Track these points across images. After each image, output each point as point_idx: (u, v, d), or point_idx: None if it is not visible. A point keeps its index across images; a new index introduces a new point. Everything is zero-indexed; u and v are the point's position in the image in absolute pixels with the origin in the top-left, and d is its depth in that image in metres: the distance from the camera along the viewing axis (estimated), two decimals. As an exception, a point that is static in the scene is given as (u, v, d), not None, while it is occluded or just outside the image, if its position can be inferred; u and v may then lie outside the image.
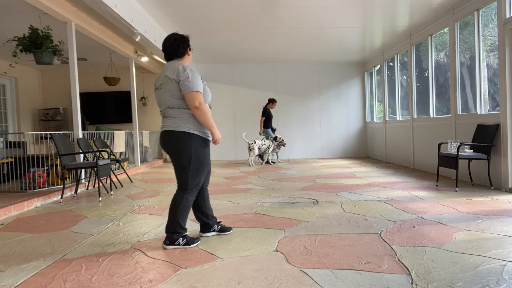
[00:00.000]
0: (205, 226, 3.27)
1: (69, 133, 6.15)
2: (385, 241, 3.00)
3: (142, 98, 11.10)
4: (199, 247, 2.96)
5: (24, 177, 5.55)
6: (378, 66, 10.32)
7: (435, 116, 7.12)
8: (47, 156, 6.49)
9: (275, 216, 3.92)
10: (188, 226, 3.63)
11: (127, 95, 11.15)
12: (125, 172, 7.02)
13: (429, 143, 7.22)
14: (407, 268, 2.42)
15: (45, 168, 5.81)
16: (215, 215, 4.06)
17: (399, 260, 2.57)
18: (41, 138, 10.45)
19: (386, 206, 4.28)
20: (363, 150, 11.42)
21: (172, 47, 3.00)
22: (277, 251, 2.83)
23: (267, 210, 4.24)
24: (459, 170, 6.13)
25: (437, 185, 5.60)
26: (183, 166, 2.89)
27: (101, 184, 6.45)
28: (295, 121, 11.32)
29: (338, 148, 11.39)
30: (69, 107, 10.88)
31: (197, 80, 2.86)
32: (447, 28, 6.52)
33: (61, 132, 5.74)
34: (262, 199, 4.89)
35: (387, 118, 9.65)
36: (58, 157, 5.40)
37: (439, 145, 5.65)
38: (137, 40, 6.32)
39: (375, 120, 10.76)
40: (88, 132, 7.25)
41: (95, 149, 6.39)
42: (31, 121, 10.63)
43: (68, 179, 6.02)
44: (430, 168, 7.22)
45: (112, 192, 5.77)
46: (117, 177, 6.75)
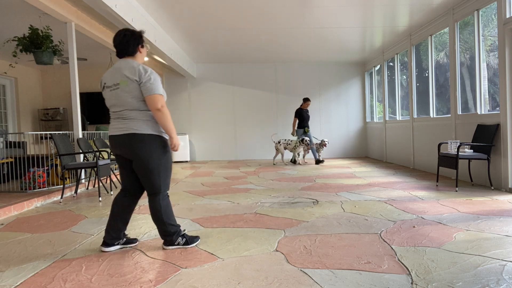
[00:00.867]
0: (112, 236, 2.90)
1: (69, 133, 6.15)
2: (385, 241, 3.00)
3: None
4: (199, 247, 2.96)
5: (24, 177, 5.55)
6: (378, 66, 10.32)
7: (435, 116, 7.12)
8: (47, 156, 6.49)
9: (275, 216, 3.92)
10: (188, 226, 3.63)
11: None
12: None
13: (429, 143, 7.22)
14: (407, 268, 2.42)
15: (45, 168, 5.81)
16: (215, 215, 4.07)
17: (399, 260, 2.57)
18: (41, 138, 10.45)
19: (386, 206, 4.28)
20: (363, 150, 11.42)
21: (121, 44, 2.81)
22: (277, 251, 2.83)
23: (267, 210, 4.24)
24: (459, 170, 6.13)
25: (437, 185, 5.60)
26: (153, 169, 2.78)
27: (101, 184, 6.45)
28: (295, 121, 11.31)
29: (338, 148, 11.39)
30: (69, 107, 10.87)
31: (158, 82, 2.76)
32: (447, 28, 6.52)
33: (61, 132, 5.74)
34: (262, 199, 4.89)
35: (387, 118, 9.65)
36: (58, 157, 5.40)
37: (439, 145, 5.65)
38: (137, 40, 6.30)
39: (375, 120, 10.76)
40: (88, 132, 7.25)
41: (95, 149, 6.39)
42: (31, 121, 10.63)
43: (68, 179, 6.02)
44: (430, 168, 7.22)
45: (112, 192, 5.77)
46: (117, 177, 6.75)
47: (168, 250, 2.90)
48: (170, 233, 2.89)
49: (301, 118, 9.28)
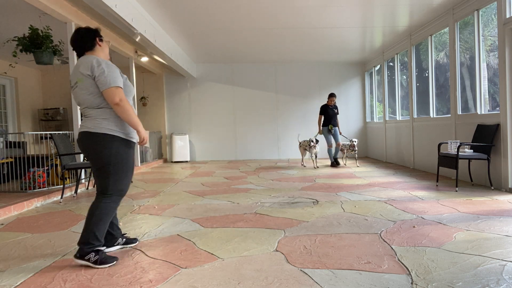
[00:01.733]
0: (107, 238, 2.89)
1: (69, 133, 6.14)
2: (385, 241, 3.00)
3: (142, 98, 11.10)
4: (199, 247, 2.96)
5: (24, 177, 5.55)
6: (378, 66, 10.32)
7: (435, 116, 7.12)
8: (47, 156, 6.49)
9: (275, 216, 3.92)
10: (188, 226, 3.63)
11: (127, 95, 11.14)
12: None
13: (429, 143, 7.22)
14: (407, 268, 2.42)
15: (45, 168, 5.81)
16: (215, 215, 4.06)
17: (399, 260, 2.57)
18: (41, 138, 10.45)
19: (386, 206, 4.28)
20: (363, 150, 11.42)
21: (76, 41, 2.71)
22: (277, 251, 2.83)
23: (267, 210, 4.24)
24: (459, 170, 6.13)
25: (437, 185, 5.60)
26: (103, 169, 2.64)
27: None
28: (295, 121, 11.31)
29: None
30: (69, 107, 10.87)
31: (114, 74, 2.59)
32: (447, 28, 6.51)
33: (61, 132, 5.74)
34: (262, 199, 4.89)
35: (387, 118, 9.65)
36: (58, 157, 5.40)
37: (439, 145, 5.65)
38: (137, 40, 6.31)
39: (375, 120, 10.76)
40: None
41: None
42: (31, 121, 10.63)
43: (68, 179, 6.02)
44: (430, 168, 7.22)
45: (112, 192, 5.76)
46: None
47: (168, 250, 2.90)
48: (87, 242, 2.59)
49: (326, 115, 8.69)
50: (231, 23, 6.99)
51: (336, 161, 8.67)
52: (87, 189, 6.18)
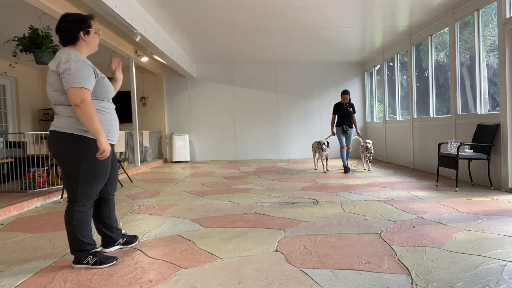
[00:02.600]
0: (106, 241, 2.86)
1: (69, 133, 6.13)
2: (385, 241, 3.00)
3: (142, 98, 11.10)
4: (199, 247, 2.96)
5: (24, 177, 5.55)
6: (378, 66, 10.32)
7: (435, 116, 7.12)
8: (47, 156, 6.49)
9: (275, 216, 3.92)
10: (188, 226, 3.63)
11: (127, 95, 11.14)
12: (125, 172, 7.02)
13: (429, 143, 7.22)
14: (407, 268, 2.42)
15: (45, 168, 5.81)
16: (215, 215, 4.06)
17: (399, 260, 2.57)
18: (41, 138, 10.45)
19: (386, 206, 4.28)
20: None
21: (59, 30, 2.48)
22: (277, 251, 2.83)
23: (267, 210, 4.24)
24: (459, 170, 6.13)
25: (437, 185, 5.60)
26: (71, 173, 2.45)
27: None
28: (295, 121, 11.32)
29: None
30: (69, 107, 10.86)
31: (81, 73, 2.34)
32: (447, 28, 6.51)
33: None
34: (262, 199, 4.89)
35: (387, 118, 9.65)
36: (58, 157, 5.39)
37: (439, 145, 5.65)
38: (137, 40, 6.31)
39: (375, 120, 10.76)
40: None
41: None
42: (31, 121, 10.63)
43: (68, 179, 6.01)
44: (430, 168, 7.22)
45: (112, 192, 5.76)
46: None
47: (168, 250, 2.90)
48: (79, 249, 2.52)
49: (339, 115, 7.85)
50: (231, 23, 6.99)
51: (346, 167, 7.69)
52: (87, 189, 6.18)
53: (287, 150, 11.30)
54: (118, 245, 2.96)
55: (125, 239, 3.01)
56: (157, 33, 6.93)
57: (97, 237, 3.30)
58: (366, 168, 7.87)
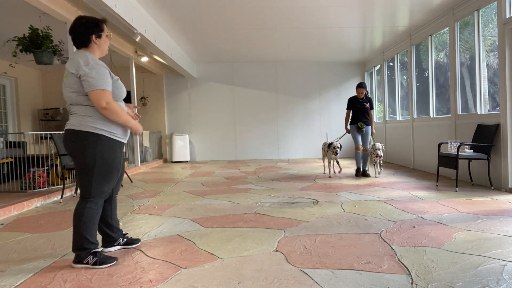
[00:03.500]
0: (107, 240, 2.89)
1: (69, 133, 6.13)
2: (385, 241, 3.00)
3: (142, 98, 11.10)
4: (199, 247, 2.96)
5: (24, 177, 5.55)
6: (378, 66, 10.32)
7: (435, 116, 7.12)
8: (47, 156, 6.49)
9: (275, 216, 3.92)
10: (188, 226, 3.63)
11: (127, 95, 11.15)
12: (125, 172, 7.02)
13: (429, 143, 7.22)
14: (407, 268, 2.42)
15: (45, 168, 5.81)
16: (215, 215, 4.06)
17: (399, 260, 2.57)
18: (41, 138, 10.45)
19: (386, 206, 4.28)
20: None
21: (72, 33, 2.58)
22: (277, 251, 2.83)
23: (267, 210, 4.24)
24: (459, 170, 6.13)
25: (437, 185, 5.60)
26: (85, 170, 2.53)
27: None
28: (295, 121, 11.32)
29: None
30: (69, 107, 10.87)
31: (102, 76, 2.47)
32: (447, 28, 6.51)
33: (61, 132, 5.73)
34: (262, 199, 4.89)
35: (387, 118, 9.65)
36: (58, 157, 5.40)
37: (439, 145, 5.65)
38: (137, 40, 6.31)
39: (375, 120, 10.74)
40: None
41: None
42: (31, 121, 10.63)
43: (68, 179, 6.02)
44: (430, 168, 7.22)
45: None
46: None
47: (168, 250, 2.90)
48: (81, 248, 2.54)
49: (353, 110, 6.90)
50: (231, 23, 6.99)
51: (364, 172, 6.82)
52: (87, 189, 6.17)
53: (287, 150, 11.30)
54: (118, 245, 2.97)
55: (125, 239, 3.01)
56: (157, 33, 6.93)
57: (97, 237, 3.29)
58: (377, 172, 6.86)
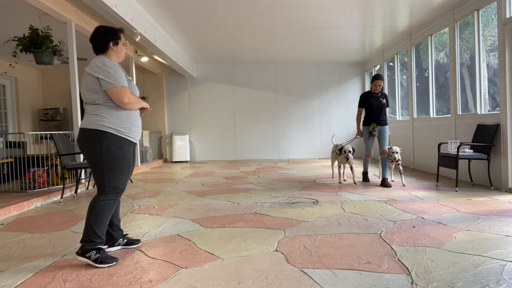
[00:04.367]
0: (107, 239, 2.91)
1: (69, 133, 6.15)
2: (385, 241, 3.00)
3: (142, 98, 11.08)
4: (199, 247, 2.96)
5: (24, 177, 5.55)
6: (378, 66, 10.31)
7: (435, 116, 7.12)
8: (47, 156, 6.49)
9: (275, 216, 3.92)
10: (188, 226, 3.63)
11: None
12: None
13: (429, 143, 7.22)
14: (407, 268, 2.42)
15: (45, 168, 5.81)
16: (215, 215, 4.06)
17: (399, 260, 2.57)
18: (41, 138, 10.45)
19: (386, 206, 4.28)
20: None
21: (92, 40, 2.81)
22: (277, 251, 2.83)
23: (267, 210, 4.24)
24: (459, 170, 6.13)
25: (437, 185, 5.60)
26: (96, 166, 2.67)
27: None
28: (295, 121, 11.31)
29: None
30: (69, 107, 10.87)
31: (119, 74, 2.66)
32: (447, 28, 6.51)
33: (61, 132, 5.73)
34: (262, 199, 4.89)
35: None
36: (58, 157, 5.40)
37: (439, 145, 5.64)
38: (137, 40, 6.31)
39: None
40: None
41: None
42: (31, 121, 10.63)
43: (68, 179, 6.02)
44: (430, 168, 7.22)
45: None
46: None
47: (168, 250, 2.90)
48: (88, 240, 2.63)
49: (368, 108, 5.80)
50: (231, 23, 6.99)
51: (384, 181, 5.67)
52: (87, 189, 6.18)
53: (287, 150, 11.30)
54: (118, 245, 2.98)
55: (125, 240, 3.02)
56: (157, 33, 6.93)
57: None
58: (403, 181, 5.74)
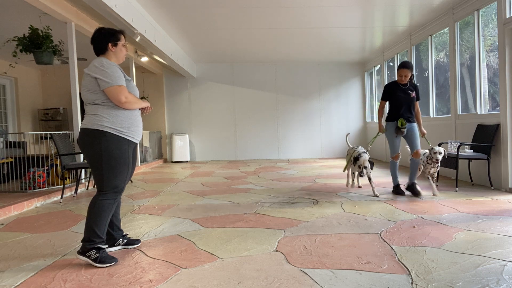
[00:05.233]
0: (107, 239, 2.89)
1: (69, 133, 6.14)
2: (385, 241, 3.00)
3: (142, 98, 11.05)
4: (199, 247, 2.96)
5: (24, 177, 5.55)
6: (378, 66, 10.32)
7: (435, 116, 7.12)
8: (47, 156, 6.49)
9: (275, 216, 3.92)
10: (188, 226, 3.63)
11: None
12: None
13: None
14: (407, 268, 2.42)
15: (45, 168, 5.81)
16: (215, 215, 4.06)
17: (399, 260, 2.57)
18: (41, 138, 10.45)
19: (386, 206, 4.28)
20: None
21: (92, 42, 2.84)
22: (277, 251, 2.83)
23: (267, 210, 4.24)
24: (459, 170, 6.13)
25: (437, 185, 5.60)
26: (95, 165, 2.69)
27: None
28: (295, 121, 11.31)
29: (338, 148, 11.38)
30: (69, 107, 10.87)
31: (116, 74, 2.68)
32: (447, 28, 6.51)
33: (61, 132, 5.73)
34: (262, 199, 4.89)
35: (387, 118, 9.64)
36: (58, 157, 5.40)
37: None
38: (137, 40, 6.31)
39: (375, 120, 10.76)
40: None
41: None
42: (31, 121, 10.63)
43: (68, 179, 6.02)
44: (430, 168, 7.21)
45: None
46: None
47: (168, 250, 2.90)
48: (88, 239, 2.65)
49: (393, 102, 4.95)
50: (231, 23, 6.99)
51: (413, 186, 4.87)
52: (87, 189, 6.18)
53: (287, 150, 11.30)
54: (118, 245, 2.98)
55: (125, 240, 3.02)
56: (157, 33, 6.93)
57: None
58: (433, 192, 4.85)
